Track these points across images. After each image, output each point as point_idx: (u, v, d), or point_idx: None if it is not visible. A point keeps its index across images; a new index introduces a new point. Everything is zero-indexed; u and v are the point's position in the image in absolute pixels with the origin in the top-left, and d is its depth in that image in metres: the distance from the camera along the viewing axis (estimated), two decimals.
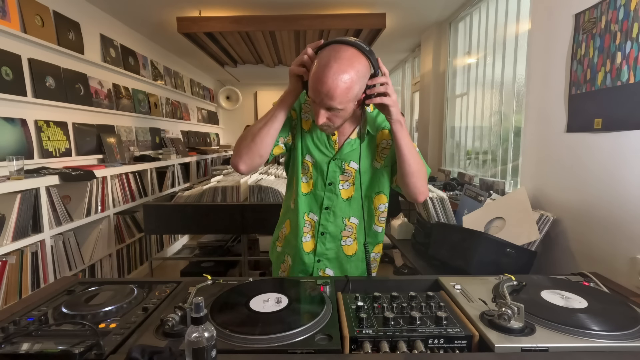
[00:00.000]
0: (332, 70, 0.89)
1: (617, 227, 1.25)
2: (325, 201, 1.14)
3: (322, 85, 0.90)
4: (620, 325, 0.75)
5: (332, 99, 0.91)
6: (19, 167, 2.03)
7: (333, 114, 0.96)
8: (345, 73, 0.89)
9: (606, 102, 1.28)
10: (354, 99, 0.94)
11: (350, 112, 0.98)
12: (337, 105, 0.92)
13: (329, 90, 0.90)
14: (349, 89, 0.91)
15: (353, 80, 0.91)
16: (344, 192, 1.14)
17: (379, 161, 1.14)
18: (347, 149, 1.12)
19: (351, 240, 1.17)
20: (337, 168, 1.13)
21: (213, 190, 2.68)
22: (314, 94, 0.93)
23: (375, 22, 3.50)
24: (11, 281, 1.96)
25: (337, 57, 0.90)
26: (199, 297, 0.60)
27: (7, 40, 2.35)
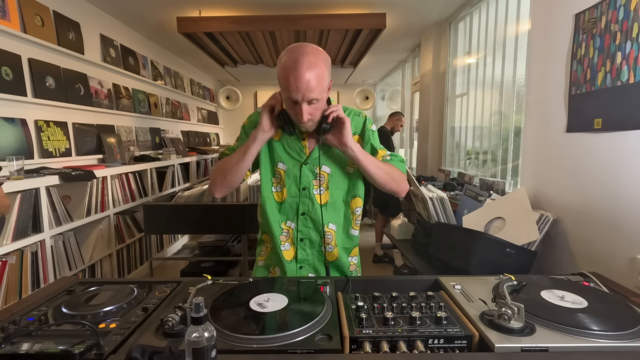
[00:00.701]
0: (304, 65, 0.96)
1: (617, 227, 1.25)
2: (301, 207, 1.15)
3: (299, 80, 0.96)
4: (620, 325, 0.75)
5: (311, 91, 0.97)
6: (19, 167, 2.03)
7: (313, 107, 1.02)
8: (316, 65, 0.97)
9: (606, 102, 1.28)
10: (327, 87, 1.04)
11: (324, 103, 1.06)
12: (317, 96, 0.99)
13: (307, 82, 0.96)
14: (323, 78, 0.99)
15: (323, 69, 0.99)
16: (319, 197, 1.15)
17: (351, 166, 1.16)
18: (316, 154, 1.14)
19: (332, 247, 1.17)
20: (309, 172, 1.14)
21: None
22: (294, 92, 0.98)
23: (375, 22, 3.50)
24: (11, 281, 1.96)
25: (303, 53, 0.98)
26: (199, 297, 0.60)
27: (7, 40, 2.35)
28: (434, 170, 4.17)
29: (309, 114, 1.02)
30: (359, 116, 1.19)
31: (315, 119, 1.06)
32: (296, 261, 1.18)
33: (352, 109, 1.20)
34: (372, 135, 1.18)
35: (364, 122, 1.18)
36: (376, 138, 1.20)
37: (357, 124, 1.18)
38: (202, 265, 3.15)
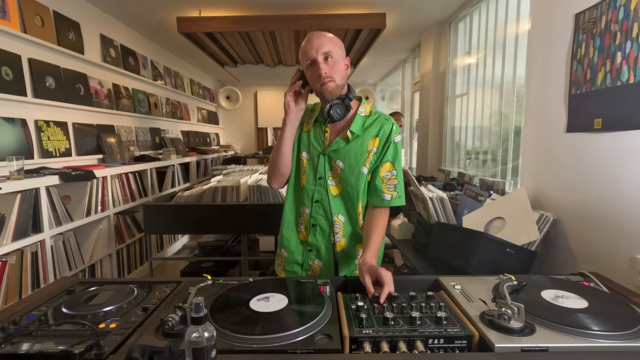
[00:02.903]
0: (314, 33, 1.12)
1: (617, 227, 1.25)
2: (316, 194, 1.20)
3: (311, 42, 1.09)
4: (620, 325, 0.75)
5: (323, 45, 1.08)
6: (19, 167, 2.03)
7: (330, 66, 1.10)
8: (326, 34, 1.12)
9: (606, 102, 1.28)
10: (341, 55, 1.13)
11: (342, 69, 1.13)
12: (330, 49, 1.09)
13: (318, 39, 1.09)
14: (332, 39, 1.11)
15: (334, 40, 1.12)
16: (332, 188, 1.20)
17: (367, 166, 1.18)
18: (335, 147, 1.18)
19: (339, 237, 1.21)
20: (326, 163, 1.19)
21: (213, 190, 2.68)
22: (309, 51, 1.09)
23: (375, 22, 3.50)
24: (11, 281, 1.96)
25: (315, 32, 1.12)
26: (199, 297, 0.60)
27: (7, 40, 2.35)
28: (434, 170, 4.17)
29: (327, 71, 1.09)
30: (387, 121, 1.19)
31: (336, 82, 1.11)
32: (307, 244, 1.23)
33: (381, 113, 1.22)
34: (390, 146, 1.17)
35: (391, 129, 1.17)
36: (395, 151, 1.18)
37: (383, 127, 1.17)
38: (202, 265, 3.15)
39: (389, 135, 1.17)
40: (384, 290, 0.90)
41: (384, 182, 1.17)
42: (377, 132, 1.17)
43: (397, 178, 1.18)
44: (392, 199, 1.17)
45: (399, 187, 1.18)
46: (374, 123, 1.18)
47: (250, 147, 7.98)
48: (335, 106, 1.12)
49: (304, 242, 1.24)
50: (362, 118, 1.19)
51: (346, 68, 1.15)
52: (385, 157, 1.17)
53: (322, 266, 1.24)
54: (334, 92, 1.12)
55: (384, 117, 1.20)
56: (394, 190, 1.17)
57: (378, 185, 1.17)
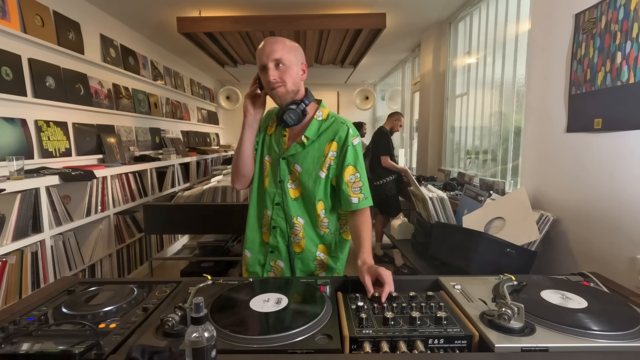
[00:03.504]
0: (269, 39, 1.14)
1: (617, 227, 1.25)
2: (276, 197, 1.23)
3: (263, 48, 1.12)
4: (620, 325, 0.75)
5: (275, 51, 1.10)
6: (19, 167, 2.03)
7: (281, 72, 1.12)
8: (279, 38, 1.14)
9: (606, 102, 1.28)
10: (295, 61, 1.14)
11: (296, 75, 1.15)
12: (281, 56, 1.10)
13: (271, 45, 1.11)
14: (285, 45, 1.12)
15: (287, 42, 1.13)
16: (291, 191, 1.22)
17: (324, 170, 1.19)
18: (292, 151, 1.20)
19: (299, 238, 1.22)
20: (286, 167, 1.22)
21: (213, 190, 2.68)
22: (260, 56, 1.12)
23: (375, 22, 3.50)
24: (11, 281, 1.96)
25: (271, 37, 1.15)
26: (199, 297, 0.60)
27: (7, 40, 2.35)
28: (434, 170, 4.17)
29: (277, 76, 1.12)
30: (343, 124, 1.19)
31: (286, 87, 1.13)
32: (268, 245, 1.25)
33: (338, 117, 1.23)
34: (349, 150, 1.17)
35: (347, 132, 1.18)
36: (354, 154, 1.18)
37: (338, 132, 1.18)
38: (202, 265, 3.15)
39: (346, 139, 1.17)
40: (385, 290, 0.90)
41: (349, 186, 1.17)
42: (333, 137, 1.18)
43: (361, 180, 1.19)
44: (360, 202, 1.17)
45: (364, 189, 1.18)
46: (329, 127, 1.19)
47: None
48: (288, 111, 1.14)
49: (266, 244, 1.26)
50: (318, 122, 1.20)
51: (302, 73, 1.17)
52: (346, 161, 1.17)
53: (283, 267, 1.25)
54: (284, 97, 1.15)
55: (339, 121, 1.20)
56: (360, 193, 1.18)
57: (345, 190, 1.18)
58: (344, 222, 1.28)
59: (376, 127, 5.32)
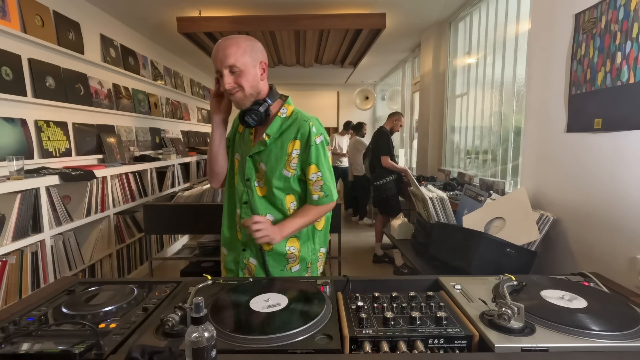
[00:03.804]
0: (222, 41, 1.10)
1: (617, 227, 1.25)
2: (244, 196, 1.23)
3: (216, 53, 1.09)
4: (620, 325, 0.75)
5: (228, 57, 1.07)
6: (19, 167, 2.03)
7: (237, 77, 1.10)
8: (233, 39, 1.10)
9: (606, 102, 1.28)
10: (252, 62, 1.11)
11: (253, 78, 1.12)
12: (235, 63, 1.08)
13: (223, 50, 1.08)
14: (239, 47, 1.09)
15: (241, 43, 1.09)
16: (258, 189, 1.23)
17: (288, 170, 1.19)
18: (257, 149, 1.20)
19: None
20: (252, 165, 1.22)
21: (213, 190, 2.68)
22: (215, 64, 1.10)
23: (375, 22, 3.50)
24: (11, 281, 1.96)
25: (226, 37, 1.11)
26: (199, 297, 0.60)
27: (7, 40, 2.35)
28: (434, 170, 4.17)
29: (232, 82, 1.10)
30: (306, 122, 1.17)
31: (244, 91, 1.12)
32: (241, 243, 1.26)
33: (302, 114, 1.21)
34: (312, 149, 1.16)
35: (309, 131, 1.16)
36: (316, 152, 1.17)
37: (301, 130, 1.17)
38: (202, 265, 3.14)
39: (309, 138, 1.16)
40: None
41: (311, 183, 1.19)
42: (296, 135, 1.17)
43: (323, 179, 1.19)
44: (320, 199, 1.20)
45: (324, 187, 1.20)
46: (292, 125, 1.18)
47: None
48: (250, 112, 1.15)
49: (239, 241, 1.27)
50: (281, 120, 1.19)
51: (261, 73, 1.15)
52: (309, 160, 1.18)
53: (256, 264, 1.26)
54: (242, 102, 1.15)
55: (302, 119, 1.18)
56: (320, 191, 1.20)
57: (309, 187, 1.21)
58: None
59: (376, 127, 5.32)
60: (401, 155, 5.83)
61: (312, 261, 1.28)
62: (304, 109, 1.25)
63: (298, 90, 7.90)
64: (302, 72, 6.14)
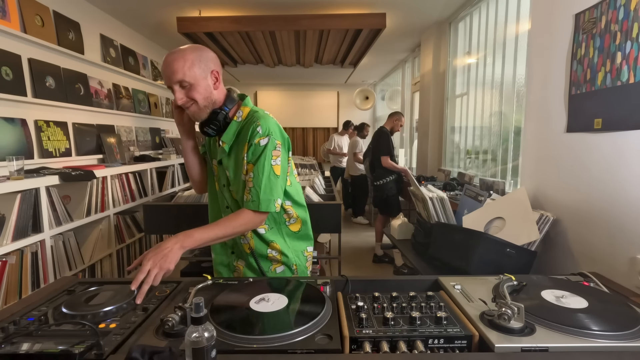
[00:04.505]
0: (167, 56, 1.05)
1: (617, 227, 1.25)
2: (225, 201, 1.24)
3: (164, 69, 1.04)
4: (620, 325, 0.75)
5: (175, 72, 1.02)
6: (19, 167, 2.03)
7: (188, 91, 1.06)
8: (179, 52, 1.04)
9: (606, 102, 1.28)
10: (202, 74, 1.06)
11: (205, 89, 1.08)
12: (184, 77, 1.03)
13: (170, 65, 1.02)
14: (186, 60, 1.03)
15: (187, 55, 1.04)
16: (233, 194, 1.21)
17: (244, 174, 1.14)
18: (220, 156, 1.19)
19: (247, 239, 1.23)
20: (222, 171, 1.21)
21: None
22: (165, 81, 1.06)
23: (375, 22, 3.50)
24: (11, 281, 1.96)
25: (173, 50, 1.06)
26: (199, 297, 0.60)
27: (7, 40, 2.35)
28: (434, 170, 4.17)
29: (184, 97, 1.07)
30: (254, 123, 1.11)
31: (198, 104, 1.09)
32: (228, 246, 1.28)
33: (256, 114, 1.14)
34: (251, 148, 1.10)
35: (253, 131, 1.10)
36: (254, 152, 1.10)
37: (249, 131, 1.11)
38: (202, 265, 3.15)
39: (250, 138, 1.10)
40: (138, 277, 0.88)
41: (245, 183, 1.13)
42: (248, 137, 1.10)
43: (254, 181, 1.09)
44: (246, 202, 1.10)
45: (253, 191, 1.09)
46: (244, 127, 1.13)
47: None
48: (207, 123, 1.13)
49: (226, 245, 1.28)
50: (237, 124, 1.15)
51: (214, 82, 1.09)
52: (247, 158, 1.11)
53: (244, 266, 1.27)
54: (197, 114, 1.12)
55: (253, 120, 1.12)
56: (249, 193, 1.10)
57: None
58: (288, 215, 1.24)
59: (376, 127, 5.32)
60: (401, 155, 5.83)
61: (298, 264, 1.26)
62: (304, 109, 1.24)
63: (298, 90, 7.91)
64: (302, 72, 6.14)
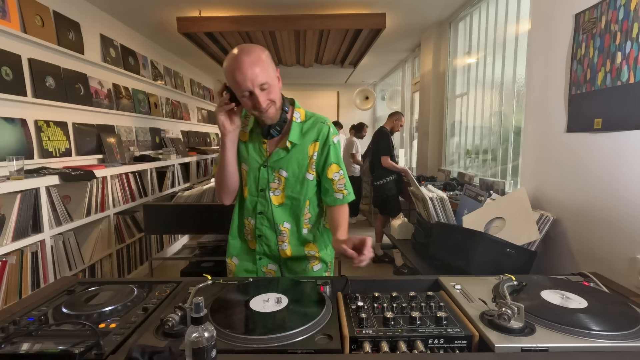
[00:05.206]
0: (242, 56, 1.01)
1: (617, 227, 1.25)
2: (259, 206, 1.22)
3: (244, 73, 1.00)
4: (620, 325, 0.75)
5: (258, 76, 1.01)
6: (19, 167, 2.03)
7: (268, 92, 1.05)
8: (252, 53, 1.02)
9: (606, 102, 1.28)
10: (274, 73, 1.07)
11: (278, 90, 1.09)
12: (267, 79, 1.03)
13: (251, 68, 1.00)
14: (263, 61, 1.03)
15: (261, 55, 1.04)
16: (274, 198, 1.21)
17: (311, 172, 1.19)
18: (275, 157, 1.18)
19: (285, 245, 1.23)
20: (267, 175, 1.19)
21: (213, 190, 2.68)
22: (243, 83, 1.01)
23: (375, 22, 3.50)
24: (11, 281, 1.96)
25: (240, 50, 1.03)
26: (199, 297, 0.60)
27: (7, 40, 2.35)
28: (434, 170, 4.17)
29: (267, 99, 1.06)
30: (324, 124, 1.20)
31: (276, 105, 1.09)
32: (256, 252, 1.26)
33: (318, 116, 1.22)
34: (331, 149, 1.19)
35: (328, 132, 1.19)
36: (335, 152, 1.20)
37: (321, 131, 1.18)
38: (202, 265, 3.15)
39: (327, 138, 1.18)
40: (367, 245, 0.93)
41: (334, 183, 1.20)
42: (316, 137, 1.18)
43: (344, 177, 1.21)
44: (344, 197, 1.21)
45: (347, 185, 1.22)
46: (311, 128, 1.18)
47: None
48: (274, 125, 1.14)
49: (253, 251, 1.27)
50: (299, 125, 1.18)
51: (278, 81, 1.11)
52: (329, 160, 1.19)
53: (275, 269, 1.27)
54: (274, 116, 1.11)
55: (320, 120, 1.20)
56: (344, 189, 1.21)
57: (329, 188, 1.20)
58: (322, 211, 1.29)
59: (376, 127, 5.32)
60: (401, 155, 5.83)
61: (330, 261, 1.31)
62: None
63: (298, 90, 7.90)
64: (302, 72, 6.14)
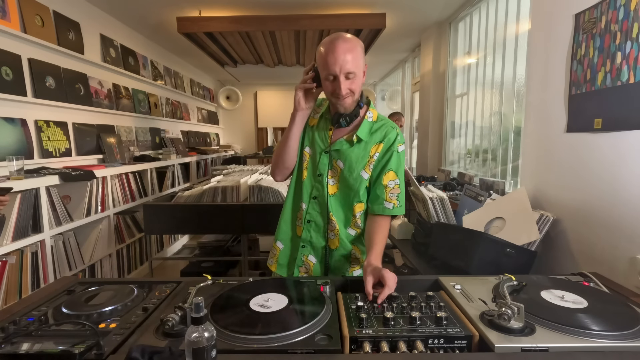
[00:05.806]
0: (339, 42, 1.05)
1: (617, 227, 1.25)
2: (314, 191, 1.21)
3: (335, 55, 1.03)
4: (620, 325, 0.75)
5: (348, 62, 1.03)
6: (19, 167, 2.03)
7: (351, 82, 1.07)
8: (350, 42, 1.06)
9: (606, 102, 1.28)
10: (362, 67, 1.09)
11: (361, 84, 1.11)
12: (354, 69, 1.05)
13: (344, 54, 1.03)
14: (357, 52, 1.06)
15: (357, 47, 1.07)
16: (330, 187, 1.20)
17: (367, 171, 1.18)
18: (337, 147, 1.18)
19: (334, 235, 1.21)
20: (326, 161, 1.19)
21: (213, 190, 2.68)
22: (332, 67, 1.04)
23: (375, 22, 3.50)
24: (11, 281, 1.96)
25: (339, 36, 1.07)
26: (199, 297, 0.60)
27: (7, 40, 2.35)
28: (434, 170, 4.17)
29: (348, 88, 1.07)
30: (393, 129, 1.19)
31: (354, 96, 1.11)
32: (300, 239, 1.23)
33: (387, 120, 1.22)
34: (394, 155, 1.17)
35: (395, 137, 1.18)
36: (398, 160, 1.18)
37: (388, 135, 1.18)
38: (202, 265, 3.15)
39: (393, 144, 1.17)
40: (383, 292, 0.89)
41: (387, 190, 1.16)
42: (382, 139, 1.17)
43: (400, 187, 1.18)
44: (394, 208, 1.16)
45: (400, 196, 1.17)
46: (379, 129, 1.18)
47: (250, 147, 7.99)
48: (349, 115, 1.14)
49: (298, 237, 1.24)
50: (370, 124, 1.19)
51: (364, 76, 1.12)
52: (388, 166, 1.17)
53: (315, 262, 1.24)
54: (350, 106, 1.13)
55: (390, 125, 1.20)
56: (397, 200, 1.17)
57: (380, 194, 1.16)
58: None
59: None
60: None
61: None
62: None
63: None
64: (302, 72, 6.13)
